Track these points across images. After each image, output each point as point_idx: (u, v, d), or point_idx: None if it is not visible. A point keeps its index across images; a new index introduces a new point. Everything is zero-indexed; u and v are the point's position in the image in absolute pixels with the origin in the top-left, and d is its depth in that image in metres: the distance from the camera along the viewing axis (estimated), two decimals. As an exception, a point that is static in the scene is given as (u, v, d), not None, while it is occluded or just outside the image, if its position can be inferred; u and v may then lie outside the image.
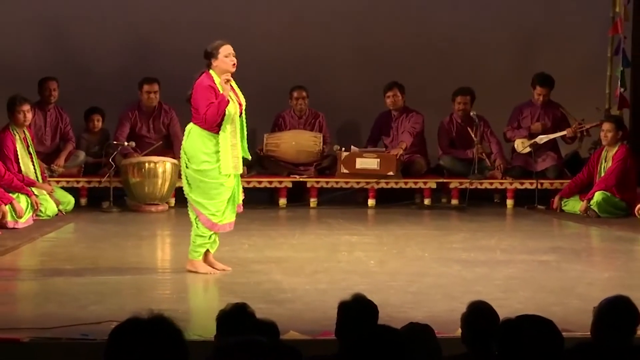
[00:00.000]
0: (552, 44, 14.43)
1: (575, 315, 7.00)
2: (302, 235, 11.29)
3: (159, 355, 3.36)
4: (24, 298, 8.54)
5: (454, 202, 13.58)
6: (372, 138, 14.13)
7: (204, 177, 8.92)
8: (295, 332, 6.58)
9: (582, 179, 13.08)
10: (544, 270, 9.43)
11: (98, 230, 11.55)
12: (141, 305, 6.55)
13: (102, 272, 9.15)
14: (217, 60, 9.00)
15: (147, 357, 3.34)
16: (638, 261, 10.58)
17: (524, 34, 14.50)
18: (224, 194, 8.99)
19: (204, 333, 5.93)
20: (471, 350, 5.16)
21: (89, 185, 13.26)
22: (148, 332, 3.40)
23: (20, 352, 6.58)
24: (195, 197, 9.04)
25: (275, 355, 3.42)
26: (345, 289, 7.31)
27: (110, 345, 3.43)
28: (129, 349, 3.38)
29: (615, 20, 13.71)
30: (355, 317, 5.27)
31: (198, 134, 8.97)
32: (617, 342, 5.01)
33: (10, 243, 10.45)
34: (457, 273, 9.12)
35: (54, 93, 13.36)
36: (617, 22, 13.64)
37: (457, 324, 5.54)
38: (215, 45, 9.02)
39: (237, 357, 3.36)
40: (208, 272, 9.00)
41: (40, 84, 13.33)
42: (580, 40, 14.48)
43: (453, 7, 14.48)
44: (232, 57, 8.97)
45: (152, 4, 14.16)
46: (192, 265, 9.07)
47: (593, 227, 12.13)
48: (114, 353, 3.41)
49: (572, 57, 14.38)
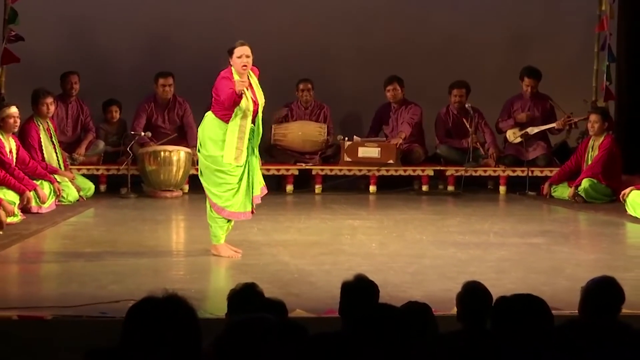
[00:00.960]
0: (542, 40, 14.41)
1: (563, 294, 6.99)
2: (307, 219, 11.30)
3: (173, 332, 3.35)
4: (47, 278, 8.54)
5: (450, 189, 13.57)
6: (373, 128, 14.12)
7: (210, 163, 8.90)
8: (302, 311, 6.58)
9: (570, 166, 13.07)
10: (534, 252, 9.42)
11: (116, 215, 11.55)
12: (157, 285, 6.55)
13: (120, 254, 9.16)
14: (231, 59, 8.93)
15: (162, 334, 3.34)
16: (622, 244, 10.58)
17: (516, 32, 14.48)
18: (229, 182, 8.91)
19: (216, 311, 5.93)
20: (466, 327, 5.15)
21: (108, 172, 13.27)
22: (163, 311, 3.40)
23: (44, 329, 6.59)
24: (204, 182, 9.02)
25: (283, 331, 3.41)
26: (348, 270, 7.31)
27: (127, 323, 3.43)
28: (145, 326, 3.38)
29: (601, 18, 13.68)
30: (358, 296, 5.27)
31: (210, 120, 8.97)
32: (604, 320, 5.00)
33: (34, 227, 10.46)
34: (452, 255, 9.12)
35: (75, 86, 13.37)
36: (603, 20, 13.61)
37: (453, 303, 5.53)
38: (234, 45, 8.94)
39: (246, 334, 3.36)
40: (231, 256, 8.96)
41: (62, 78, 13.34)
42: (568, 37, 14.46)
43: (450, 7, 14.47)
44: (243, 59, 8.84)
45: (166, 3, 14.14)
46: (216, 250, 9.04)
47: (580, 212, 12.13)
48: (131, 330, 3.40)
49: (561, 52, 14.36)
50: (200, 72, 13.89)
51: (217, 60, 13.79)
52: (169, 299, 3.43)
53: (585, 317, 5.08)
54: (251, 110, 8.89)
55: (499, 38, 14.53)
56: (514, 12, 14.48)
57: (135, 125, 13.35)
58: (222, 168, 8.86)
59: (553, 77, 13.84)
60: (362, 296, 5.24)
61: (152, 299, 3.44)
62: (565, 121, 13.60)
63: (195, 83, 13.74)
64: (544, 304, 4.40)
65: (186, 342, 3.37)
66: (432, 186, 13.68)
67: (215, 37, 14.10)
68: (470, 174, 13.55)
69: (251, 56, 8.87)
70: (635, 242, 10.73)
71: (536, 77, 13.79)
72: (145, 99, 13.56)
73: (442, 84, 13.94)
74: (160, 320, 3.37)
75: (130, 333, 3.39)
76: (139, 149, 12.96)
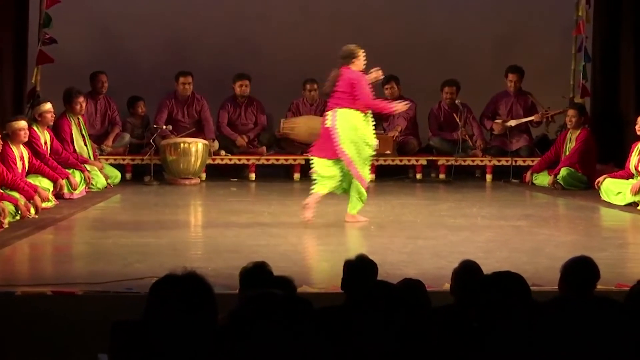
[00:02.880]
0: (526, 42, 14.38)
1: (544, 272, 6.98)
2: (313, 204, 11.27)
3: (191, 306, 3.35)
4: (78, 258, 8.55)
5: (441, 177, 13.56)
6: (372, 122, 14.10)
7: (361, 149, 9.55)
8: (307, 286, 6.57)
9: (550, 157, 13.07)
10: (518, 234, 9.41)
11: (140, 200, 11.56)
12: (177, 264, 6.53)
13: (144, 235, 9.15)
14: (357, 59, 9.67)
15: (181, 308, 3.34)
16: (597, 226, 10.57)
17: (501, 35, 14.44)
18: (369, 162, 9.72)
19: (230, 287, 5.93)
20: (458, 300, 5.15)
21: (133, 162, 13.27)
22: (183, 286, 3.40)
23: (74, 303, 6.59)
24: (357, 163, 9.55)
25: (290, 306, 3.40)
26: (349, 250, 7.32)
27: (150, 297, 3.43)
28: (167, 301, 3.38)
29: (578, 22, 13.65)
30: (359, 273, 5.27)
31: (351, 113, 9.57)
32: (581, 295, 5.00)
33: (66, 211, 10.47)
34: (444, 236, 9.11)
35: (105, 85, 13.39)
36: (580, 24, 13.59)
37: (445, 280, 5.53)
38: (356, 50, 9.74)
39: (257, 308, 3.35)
40: (365, 221, 9.64)
41: (92, 77, 13.34)
42: (549, 39, 14.42)
43: (443, 12, 14.43)
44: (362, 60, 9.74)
45: (186, 9, 14.12)
46: (353, 218, 9.65)
47: (559, 198, 12.11)
48: (154, 304, 3.40)
49: (542, 53, 14.32)
50: (216, 71, 13.90)
51: (231, 60, 13.90)
52: (187, 276, 3.43)
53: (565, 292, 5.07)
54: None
55: (486, 41, 14.50)
56: (499, 17, 14.45)
57: (157, 119, 13.35)
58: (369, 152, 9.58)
59: (535, 75, 13.83)
60: (362, 274, 5.24)
61: (172, 276, 3.44)
62: (543, 115, 13.61)
63: (212, 81, 13.75)
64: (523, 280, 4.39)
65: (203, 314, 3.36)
66: (425, 174, 13.67)
67: (229, 40, 14.12)
68: (459, 163, 13.53)
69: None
70: (608, 225, 10.72)
71: (519, 72, 13.80)
72: (166, 96, 13.55)
73: (434, 82, 13.92)
74: (180, 295, 3.37)
75: (153, 307, 3.39)
76: (160, 141, 12.95)
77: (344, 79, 9.64)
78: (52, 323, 6.43)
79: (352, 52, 9.72)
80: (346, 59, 9.71)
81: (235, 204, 11.20)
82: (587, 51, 13.56)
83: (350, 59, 9.69)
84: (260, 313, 3.34)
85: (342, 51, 9.77)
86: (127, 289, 6.67)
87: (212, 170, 13.23)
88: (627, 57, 13.17)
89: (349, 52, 9.72)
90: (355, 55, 9.70)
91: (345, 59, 9.72)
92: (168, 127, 13.17)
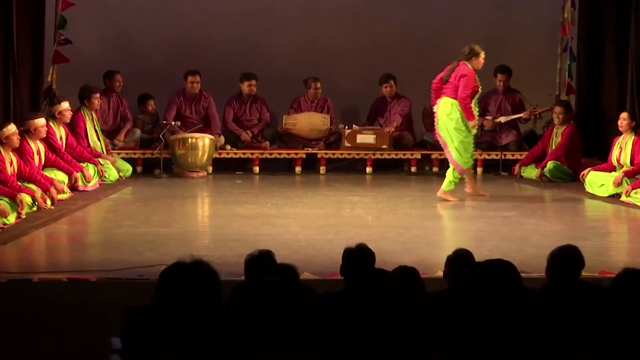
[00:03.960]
0: (514, 43, 14.33)
1: (531, 259, 6.98)
2: (313, 196, 11.28)
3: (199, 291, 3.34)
4: (91, 246, 8.55)
5: (435, 170, 13.53)
6: (370, 118, 14.08)
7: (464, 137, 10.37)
8: (309, 273, 6.58)
9: (538, 151, 13.05)
10: (507, 224, 9.42)
11: (151, 192, 11.55)
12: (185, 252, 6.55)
13: (154, 225, 9.16)
14: (477, 59, 10.42)
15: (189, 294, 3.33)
16: (582, 217, 10.57)
17: (491, 36, 14.34)
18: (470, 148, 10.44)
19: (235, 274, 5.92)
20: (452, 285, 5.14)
21: (143, 156, 13.24)
22: (190, 273, 3.39)
23: (88, 289, 6.60)
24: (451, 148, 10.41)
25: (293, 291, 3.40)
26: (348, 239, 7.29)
27: (160, 284, 3.42)
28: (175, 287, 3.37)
29: (564, 24, 13.65)
30: (357, 261, 5.26)
31: (451, 103, 10.39)
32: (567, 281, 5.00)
33: (80, 203, 10.47)
34: (437, 226, 9.13)
35: (120, 84, 13.39)
36: (566, 25, 13.59)
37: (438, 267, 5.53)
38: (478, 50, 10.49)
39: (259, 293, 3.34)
40: (455, 200, 10.40)
41: (107, 76, 13.31)
42: (536, 40, 14.38)
43: (436, 14, 14.38)
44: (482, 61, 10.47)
45: (194, 11, 14.09)
46: (444, 194, 10.47)
47: (546, 190, 12.10)
48: (163, 290, 3.40)
49: (530, 53, 14.29)
50: (222, 70, 13.88)
51: (236, 60, 13.88)
52: (195, 264, 3.42)
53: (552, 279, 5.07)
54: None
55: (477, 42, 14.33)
56: (490, 19, 14.40)
57: (166, 115, 13.33)
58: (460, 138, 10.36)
59: (523, 74, 13.80)
60: (360, 261, 5.24)
61: (181, 263, 3.43)
62: (531, 112, 13.59)
63: (219, 79, 13.73)
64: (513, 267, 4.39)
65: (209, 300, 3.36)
66: (419, 167, 13.64)
67: (236, 42, 14.09)
68: (452, 157, 13.51)
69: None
70: (592, 215, 10.72)
71: (507, 73, 13.79)
72: (175, 93, 13.53)
73: (428, 80, 13.84)
74: (187, 282, 3.37)
75: (163, 293, 3.39)
76: (170, 136, 12.93)
77: (457, 72, 10.39)
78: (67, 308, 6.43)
79: (474, 51, 10.47)
80: (467, 55, 10.46)
81: (240, 195, 11.20)
82: (572, 51, 13.56)
83: (470, 56, 10.44)
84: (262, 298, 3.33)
85: (467, 48, 10.53)
86: (138, 276, 6.68)
87: (218, 164, 13.23)
88: (610, 57, 13.16)
89: (471, 50, 10.48)
90: (476, 54, 10.46)
91: (466, 55, 10.45)
92: (177, 123, 13.15)
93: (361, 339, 3.69)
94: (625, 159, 11.38)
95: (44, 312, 6.41)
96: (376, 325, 3.72)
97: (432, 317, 4.18)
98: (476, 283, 4.26)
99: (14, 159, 9.78)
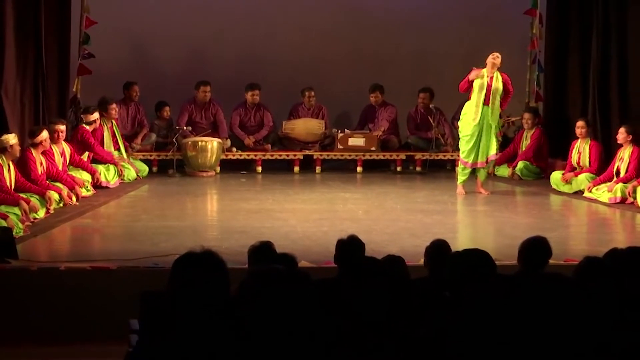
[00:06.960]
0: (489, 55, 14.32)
1: (504, 249, 6.99)
2: (310, 193, 11.28)
3: (208, 278, 3.34)
4: (113, 237, 8.55)
5: (418, 169, 13.53)
6: (360, 123, 14.08)
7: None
8: (306, 262, 6.58)
9: (509, 152, 13.07)
10: (482, 217, 9.43)
11: (165, 190, 11.54)
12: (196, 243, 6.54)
13: (168, 219, 9.16)
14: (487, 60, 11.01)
15: (200, 280, 3.33)
16: (548, 210, 10.59)
17: (469, 49, 14.31)
18: (470, 142, 10.78)
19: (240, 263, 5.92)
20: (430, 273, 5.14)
21: (158, 157, 13.21)
22: (200, 262, 3.39)
23: (110, 276, 6.60)
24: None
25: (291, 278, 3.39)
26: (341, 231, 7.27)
27: (173, 271, 3.41)
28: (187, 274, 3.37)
29: (532, 38, 13.66)
30: (349, 250, 5.26)
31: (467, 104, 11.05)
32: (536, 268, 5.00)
33: (102, 199, 10.46)
34: (420, 219, 9.11)
35: (138, 94, 13.36)
36: (534, 40, 13.60)
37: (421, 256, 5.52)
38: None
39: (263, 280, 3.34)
40: (462, 194, 10.81)
41: (126, 87, 13.29)
42: (508, 53, 14.25)
43: (420, 29, 14.36)
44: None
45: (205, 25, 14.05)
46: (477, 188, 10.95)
47: (517, 187, 12.12)
48: (176, 277, 3.39)
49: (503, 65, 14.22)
50: (230, 80, 13.86)
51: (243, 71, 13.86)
52: (205, 254, 3.42)
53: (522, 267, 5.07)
54: (483, 89, 10.95)
55: (456, 54, 14.43)
56: (468, 34, 14.39)
57: (179, 121, 13.31)
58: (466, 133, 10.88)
59: (496, 84, 13.78)
60: (352, 251, 5.23)
61: (192, 253, 3.43)
62: (505, 120, 13.57)
63: (227, 89, 13.72)
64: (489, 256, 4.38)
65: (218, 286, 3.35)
66: (404, 167, 13.63)
67: (243, 53, 14.07)
68: (433, 158, 13.51)
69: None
70: (557, 209, 10.74)
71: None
72: (187, 101, 13.52)
73: (412, 89, 13.92)
74: (198, 270, 3.36)
75: (176, 279, 3.38)
76: (182, 139, 12.91)
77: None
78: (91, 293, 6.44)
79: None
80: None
81: (244, 192, 11.19)
82: (540, 63, 13.57)
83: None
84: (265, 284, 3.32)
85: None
86: (154, 265, 6.68)
87: (225, 165, 13.21)
88: (573, 69, 13.17)
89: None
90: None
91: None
92: (188, 128, 13.14)
93: (353, 320, 3.68)
94: (584, 161, 11.49)
95: (70, 297, 6.41)
96: (366, 307, 3.71)
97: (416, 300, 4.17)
98: (455, 270, 4.25)
99: (43, 161, 9.78)
